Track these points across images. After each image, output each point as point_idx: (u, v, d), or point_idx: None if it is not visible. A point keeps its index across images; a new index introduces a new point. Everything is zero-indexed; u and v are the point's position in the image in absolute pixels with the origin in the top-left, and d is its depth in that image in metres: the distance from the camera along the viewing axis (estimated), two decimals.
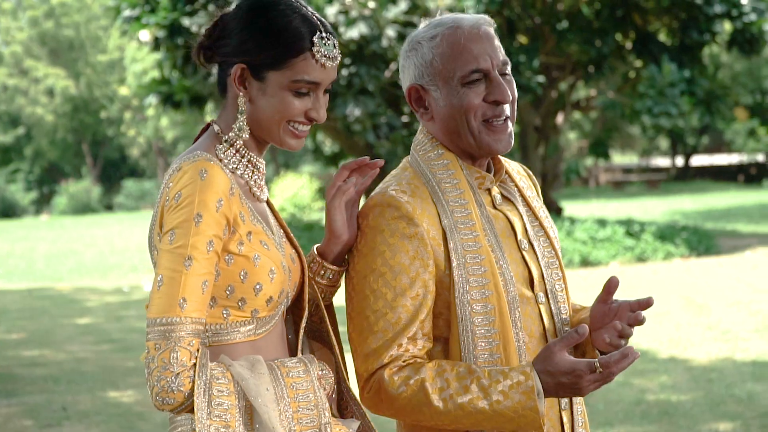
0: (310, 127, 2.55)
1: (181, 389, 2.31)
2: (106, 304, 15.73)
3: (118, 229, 36.13)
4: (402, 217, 2.60)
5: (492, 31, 2.70)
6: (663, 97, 19.18)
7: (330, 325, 2.67)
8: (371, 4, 17.93)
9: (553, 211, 22.12)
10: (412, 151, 2.76)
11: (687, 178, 55.21)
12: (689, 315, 12.02)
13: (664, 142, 58.97)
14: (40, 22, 57.65)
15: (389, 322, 2.57)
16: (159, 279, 2.36)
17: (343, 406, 2.66)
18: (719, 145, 59.28)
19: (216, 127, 2.55)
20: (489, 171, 2.78)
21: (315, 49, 2.48)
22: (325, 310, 2.67)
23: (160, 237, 2.42)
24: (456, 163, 2.70)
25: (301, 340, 2.61)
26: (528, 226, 2.77)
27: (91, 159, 60.59)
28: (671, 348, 10.15)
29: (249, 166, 2.55)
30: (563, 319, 2.75)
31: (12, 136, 59.33)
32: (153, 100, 20.93)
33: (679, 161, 58.04)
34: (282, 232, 2.63)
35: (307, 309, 2.63)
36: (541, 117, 22.31)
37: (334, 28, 11.89)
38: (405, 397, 2.54)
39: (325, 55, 2.49)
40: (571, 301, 2.85)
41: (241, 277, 2.43)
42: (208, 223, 2.36)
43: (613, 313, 2.67)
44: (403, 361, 2.57)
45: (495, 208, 2.74)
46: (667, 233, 19.89)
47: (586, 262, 18.21)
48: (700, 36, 20.28)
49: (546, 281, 2.73)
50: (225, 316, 2.45)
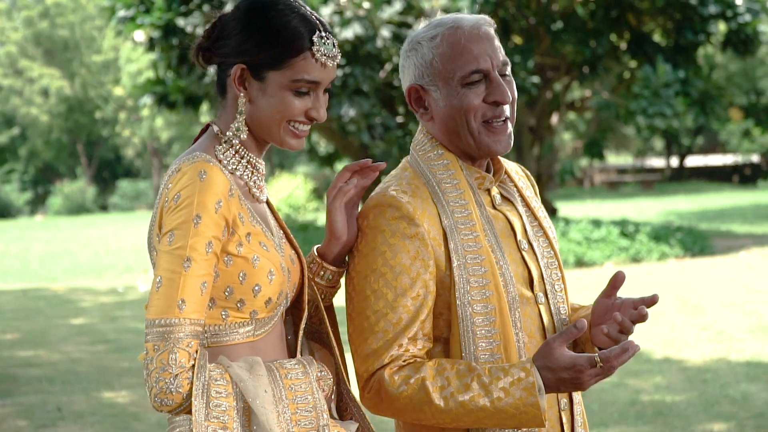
0: (310, 126, 2.55)
1: (180, 390, 2.31)
2: (101, 305, 15.71)
3: (112, 229, 36.11)
4: (403, 217, 2.59)
5: (492, 31, 2.70)
6: (658, 97, 19.19)
7: (330, 327, 2.67)
8: (366, 5, 17.93)
9: (547, 211, 22.09)
10: (412, 151, 2.75)
11: (682, 178, 55.27)
12: (684, 315, 12.03)
13: (658, 143, 59.01)
14: (35, 22, 57.58)
15: (390, 322, 2.57)
16: (158, 280, 2.35)
17: (343, 407, 2.65)
18: (714, 146, 59.33)
19: (215, 127, 2.54)
20: (488, 171, 2.78)
21: (315, 48, 2.48)
22: (324, 312, 2.67)
23: (159, 238, 2.42)
24: (456, 164, 2.70)
25: (300, 341, 2.60)
26: (527, 227, 2.77)
27: (85, 159, 60.54)
28: (666, 348, 10.16)
29: (248, 167, 2.55)
30: (563, 319, 2.75)
31: (7, 137, 59.28)
32: (148, 100, 20.92)
33: (674, 162, 58.09)
34: (282, 232, 2.63)
35: (307, 310, 2.63)
36: (535, 117, 22.32)
37: None
38: (406, 396, 2.54)
39: (325, 54, 2.49)
40: (570, 301, 2.85)
41: (240, 278, 2.43)
42: (207, 224, 2.36)
43: (616, 310, 2.68)
44: (404, 361, 2.57)
45: (494, 208, 2.74)
46: (661, 234, 19.90)
47: (580, 263, 18.21)
48: (694, 37, 20.30)
49: (545, 281, 2.73)
50: (224, 317, 2.45)
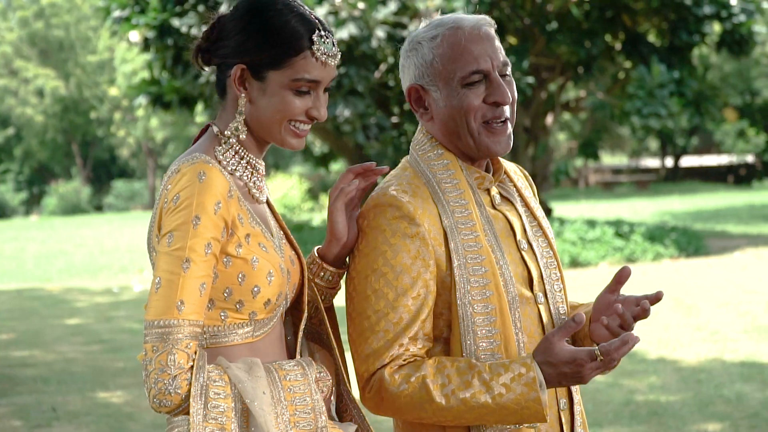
0: (310, 126, 2.55)
1: (179, 391, 2.31)
2: (96, 305, 15.70)
3: (107, 229, 36.06)
4: (403, 216, 2.59)
5: (493, 31, 2.71)
6: (652, 98, 19.21)
7: (330, 328, 2.66)
8: (361, 5, 17.93)
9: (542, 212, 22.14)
10: (412, 151, 2.75)
11: (676, 179, 55.27)
12: (678, 316, 12.05)
13: (653, 143, 59.04)
14: (30, 22, 57.51)
15: (391, 321, 2.57)
16: (157, 281, 2.35)
17: (343, 408, 2.66)
18: (709, 146, 59.37)
19: (215, 128, 2.55)
20: (488, 171, 2.78)
21: (315, 47, 2.48)
22: (324, 313, 2.67)
23: (159, 239, 2.42)
24: (456, 163, 2.70)
25: (300, 342, 2.60)
26: (527, 227, 2.78)
27: (80, 159, 60.47)
28: (660, 349, 10.17)
29: (248, 167, 2.55)
30: (562, 318, 2.75)
31: (2, 137, 59.21)
32: (143, 100, 20.91)
33: (669, 162, 58.10)
34: (282, 233, 2.62)
35: (307, 311, 2.63)
36: (530, 118, 22.32)
37: None
38: (407, 394, 2.53)
39: (325, 53, 2.50)
40: (569, 301, 2.86)
41: (239, 279, 2.43)
42: (206, 225, 2.36)
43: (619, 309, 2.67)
44: (404, 360, 2.57)
45: (494, 208, 2.74)
46: (656, 234, 19.92)
47: (575, 263, 18.22)
48: (689, 37, 20.32)
49: (545, 281, 2.74)
50: (223, 318, 2.45)
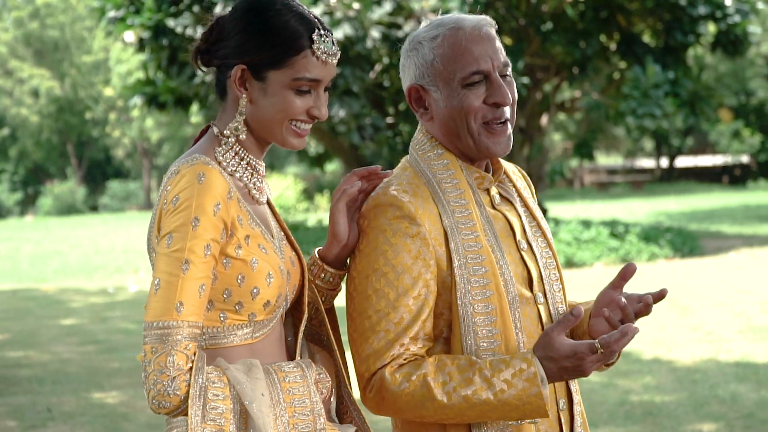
0: (311, 125, 2.55)
1: (178, 393, 2.31)
2: (91, 305, 15.68)
3: (103, 230, 36.03)
4: (404, 216, 2.59)
5: (493, 32, 2.70)
6: (647, 98, 19.22)
7: (330, 329, 2.66)
8: (356, 6, 17.93)
9: None
10: (411, 151, 2.75)
11: (671, 179, 55.33)
12: (673, 316, 12.06)
13: (648, 144, 59.09)
14: (25, 22, 57.43)
15: (391, 321, 2.56)
16: (156, 282, 2.35)
17: (343, 410, 2.65)
18: (704, 147, 59.41)
19: (215, 129, 2.55)
20: (487, 171, 2.79)
21: (315, 46, 2.49)
22: (325, 314, 2.67)
23: (158, 240, 2.42)
24: (456, 163, 2.70)
25: (300, 343, 2.60)
26: (526, 227, 2.78)
27: (76, 160, 60.41)
28: (655, 349, 10.18)
29: (248, 168, 2.55)
30: None
31: None
32: (138, 101, 20.89)
33: (664, 162, 58.16)
34: (282, 234, 2.62)
35: (307, 312, 2.62)
36: (525, 118, 22.33)
37: None
38: (408, 393, 2.53)
39: (325, 52, 2.50)
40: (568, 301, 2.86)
41: (239, 280, 2.43)
42: (206, 227, 2.36)
43: (620, 302, 2.67)
44: (404, 359, 2.57)
45: (494, 208, 2.75)
46: (651, 234, 19.93)
47: (570, 263, 18.21)
48: (684, 37, 20.33)
49: (544, 281, 2.74)
50: (222, 319, 2.45)
